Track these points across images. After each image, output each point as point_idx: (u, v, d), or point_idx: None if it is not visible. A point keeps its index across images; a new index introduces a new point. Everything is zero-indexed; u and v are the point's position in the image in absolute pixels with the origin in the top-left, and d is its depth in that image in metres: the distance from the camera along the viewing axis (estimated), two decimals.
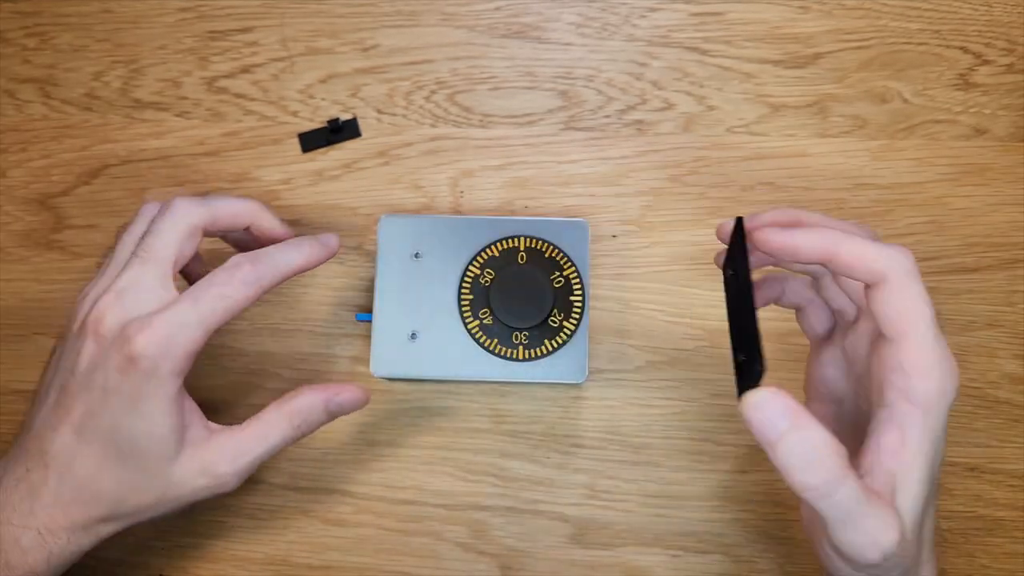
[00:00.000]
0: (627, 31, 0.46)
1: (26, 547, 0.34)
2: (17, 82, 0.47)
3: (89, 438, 0.34)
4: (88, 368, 0.34)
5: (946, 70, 0.46)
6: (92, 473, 0.34)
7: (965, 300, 0.44)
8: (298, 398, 0.37)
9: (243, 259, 0.34)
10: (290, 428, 0.36)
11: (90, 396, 0.34)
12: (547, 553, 0.43)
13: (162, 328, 0.33)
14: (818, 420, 0.26)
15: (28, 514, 0.34)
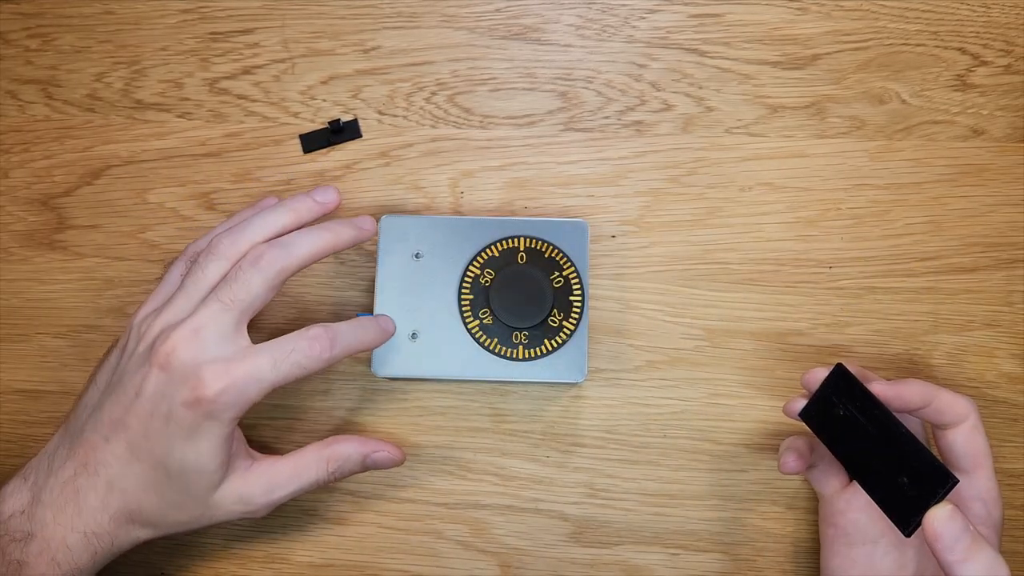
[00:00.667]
0: (626, 33, 0.46)
1: (72, 546, 0.35)
2: (19, 83, 0.48)
3: (142, 457, 0.36)
4: (154, 396, 0.35)
5: (944, 71, 0.46)
6: (139, 488, 0.36)
7: (963, 300, 0.44)
8: (339, 445, 0.40)
9: (323, 334, 0.36)
10: (325, 472, 0.39)
11: (151, 421, 0.35)
12: (547, 552, 0.43)
13: (240, 381, 0.34)
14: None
15: (75, 516, 0.36)
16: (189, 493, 0.36)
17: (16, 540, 0.35)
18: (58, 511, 0.36)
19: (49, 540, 0.35)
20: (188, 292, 0.37)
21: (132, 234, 0.46)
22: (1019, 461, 0.43)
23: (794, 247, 0.45)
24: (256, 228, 0.38)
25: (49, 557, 0.35)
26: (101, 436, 0.36)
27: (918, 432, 0.39)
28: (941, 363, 0.44)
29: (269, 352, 0.35)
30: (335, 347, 0.36)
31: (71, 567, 0.35)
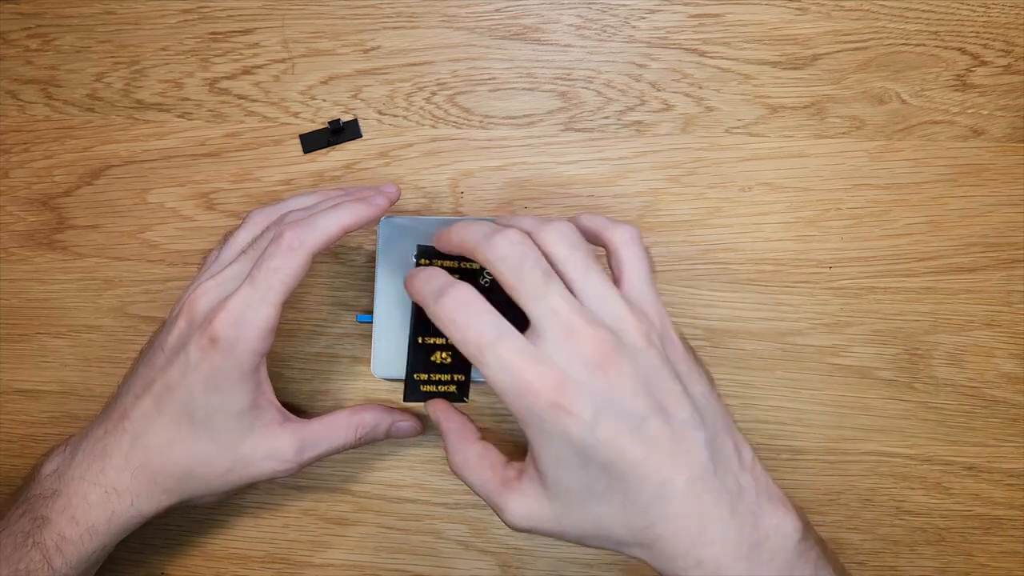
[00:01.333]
0: (626, 33, 0.46)
1: (92, 503, 0.36)
2: (19, 83, 0.48)
3: (166, 409, 0.36)
4: (175, 346, 0.37)
5: (943, 71, 0.46)
6: (164, 442, 0.37)
7: (962, 300, 0.44)
8: (367, 413, 0.41)
9: (287, 228, 0.36)
10: (353, 436, 0.40)
11: (172, 371, 0.36)
12: (547, 551, 0.44)
13: (233, 309, 0.35)
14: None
15: (99, 472, 0.37)
16: (216, 442, 0.37)
17: (46, 497, 0.37)
18: (85, 468, 0.37)
19: (72, 496, 0.36)
20: (221, 257, 0.39)
21: (132, 234, 0.46)
22: (1019, 461, 0.43)
23: (794, 247, 0.45)
24: (288, 203, 0.40)
25: (70, 514, 0.36)
26: (132, 395, 0.37)
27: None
28: (940, 363, 0.44)
29: (249, 275, 0.36)
30: (302, 237, 0.36)
31: (87, 525, 0.36)
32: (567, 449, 0.32)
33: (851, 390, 0.44)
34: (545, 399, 0.31)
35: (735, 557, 0.32)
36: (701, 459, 0.33)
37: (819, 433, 0.44)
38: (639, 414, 0.32)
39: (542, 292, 0.32)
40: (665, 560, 0.33)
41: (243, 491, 0.39)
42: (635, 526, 0.33)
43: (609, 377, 0.32)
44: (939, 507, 0.43)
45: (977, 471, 0.44)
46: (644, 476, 0.32)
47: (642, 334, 0.33)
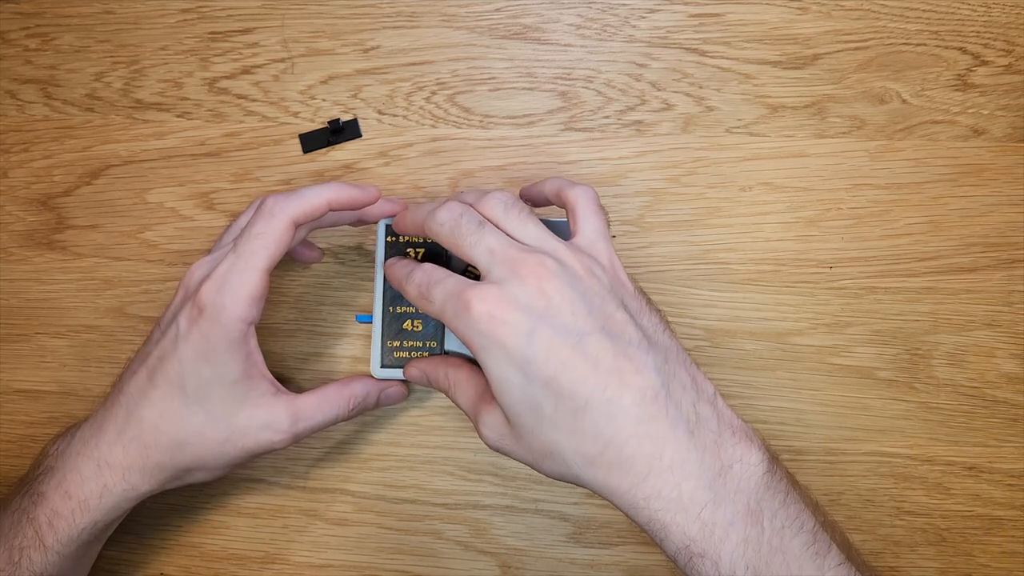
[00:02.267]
0: (626, 32, 0.46)
1: (85, 477, 0.36)
2: (19, 83, 0.47)
3: (158, 381, 0.36)
4: (168, 319, 0.37)
5: (944, 71, 0.46)
6: (157, 414, 0.36)
7: (963, 300, 0.44)
8: (358, 383, 0.41)
9: (269, 197, 0.37)
10: (345, 408, 0.40)
11: (164, 342, 0.37)
12: (547, 552, 0.43)
13: (217, 276, 0.35)
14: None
15: (93, 447, 0.37)
16: (210, 413, 0.36)
17: (43, 474, 0.37)
18: (82, 444, 0.37)
19: (67, 472, 0.36)
20: (222, 240, 0.41)
21: (131, 234, 0.46)
22: (1020, 461, 0.43)
23: (794, 247, 0.45)
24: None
25: (64, 489, 0.36)
26: (130, 371, 0.38)
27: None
28: (941, 363, 0.44)
29: (235, 244, 0.36)
30: (283, 203, 0.36)
31: (79, 499, 0.36)
32: (508, 366, 0.32)
33: (851, 390, 0.44)
34: (481, 310, 0.32)
35: (697, 485, 0.31)
36: (651, 381, 0.32)
37: (819, 433, 0.44)
38: (579, 330, 0.32)
39: (477, 237, 0.34)
40: (624, 493, 0.32)
41: (238, 468, 0.39)
42: (587, 452, 0.32)
43: (546, 292, 0.32)
44: (940, 507, 0.43)
45: (978, 471, 0.43)
46: (589, 395, 0.31)
47: (583, 266, 0.34)
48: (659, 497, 0.31)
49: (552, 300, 0.32)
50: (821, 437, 0.44)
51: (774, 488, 0.32)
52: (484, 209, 0.35)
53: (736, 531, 0.31)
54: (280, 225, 0.36)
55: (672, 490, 0.31)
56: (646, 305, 0.35)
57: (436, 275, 0.35)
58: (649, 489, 0.31)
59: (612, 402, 0.32)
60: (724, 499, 0.31)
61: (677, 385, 0.33)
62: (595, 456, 0.32)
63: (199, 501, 0.44)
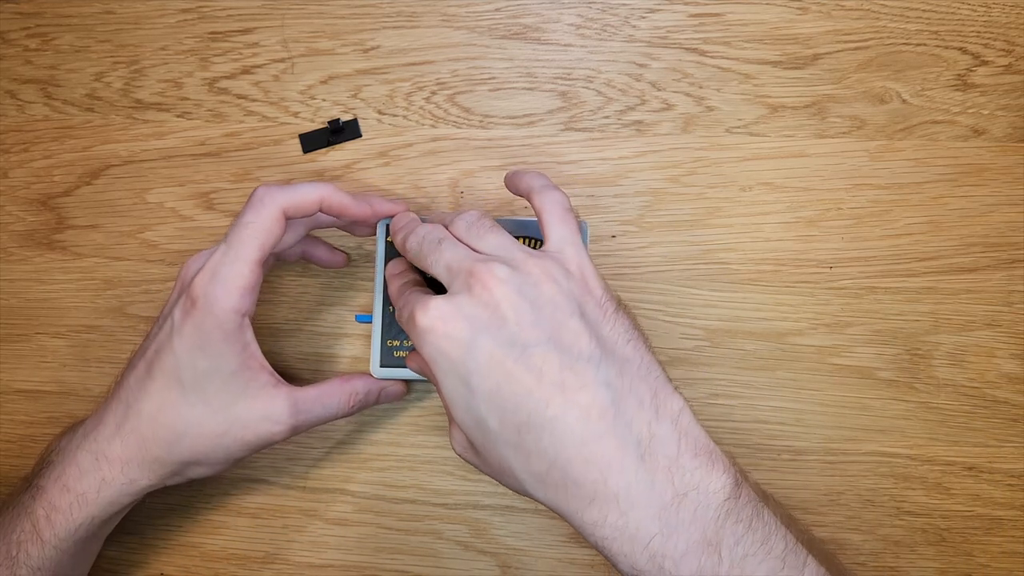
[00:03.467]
0: (626, 32, 0.46)
1: (83, 470, 0.36)
2: (19, 83, 0.47)
3: (156, 374, 0.36)
4: (164, 313, 0.38)
5: (944, 71, 0.46)
6: (155, 407, 0.36)
7: (963, 300, 0.44)
8: (359, 379, 0.40)
9: (262, 187, 0.37)
10: (347, 404, 0.39)
11: (161, 335, 0.37)
12: (547, 552, 0.43)
13: (208, 267, 0.36)
14: None
15: (93, 441, 0.37)
16: (208, 404, 0.36)
17: (44, 468, 0.37)
18: (82, 438, 0.37)
19: (66, 466, 0.37)
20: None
21: (131, 234, 0.46)
22: (1020, 461, 0.43)
23: (794, 247, 0.45)
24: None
25: (62, 483, 0.36)
26: (130, 365, 0.38)
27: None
28: (941, 363, 0.44)
29: (226, 236, 0.36)
30: (274, 194, 0.36)
31: (78, 493, 0.36)
32: (453, 378, 0.31)
33: (851, 390, 0.44)
34: (424, 324, 0.31)
35: (645, 514, 0.29)
36: (598, 397, 0.30)
37: (819, 433, 0.44)
38: (524, 340, 0.30)
39: (437, 255, 0.34)
40: (571, 515, 0.30)
41: (238, 464, 0.39)
42: (535, 471, 0.30)
43: (492, 301, 0.31)
44: (940, 507, 0.43)
45: (978, 471, 0.43)
46: (531, 411, 0.30)
47: (541, 270, 0.32)
48: (605, 524, 0.29)
49: (498, 309, 0.31)
50: (821, 437, 0.44)
51: (737, 513, 0.30)
52: (452, 228, 0.36)
53: (689, 563, 0.29)
54: (270, 215, 0.36)
55: (618, 518, 0.29)
56: (612, 312, 0.33)
57: (407, 292, 0.36)
58: (595, 515, 0.30)
59: (556, 419, 0.30)
60: (676, 529, 0.29)
61: (632, 401, 0.31)
62: (542, 474, 0.30)
63: (199, 501, 0.44)
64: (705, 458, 0.30)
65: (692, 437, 0.31)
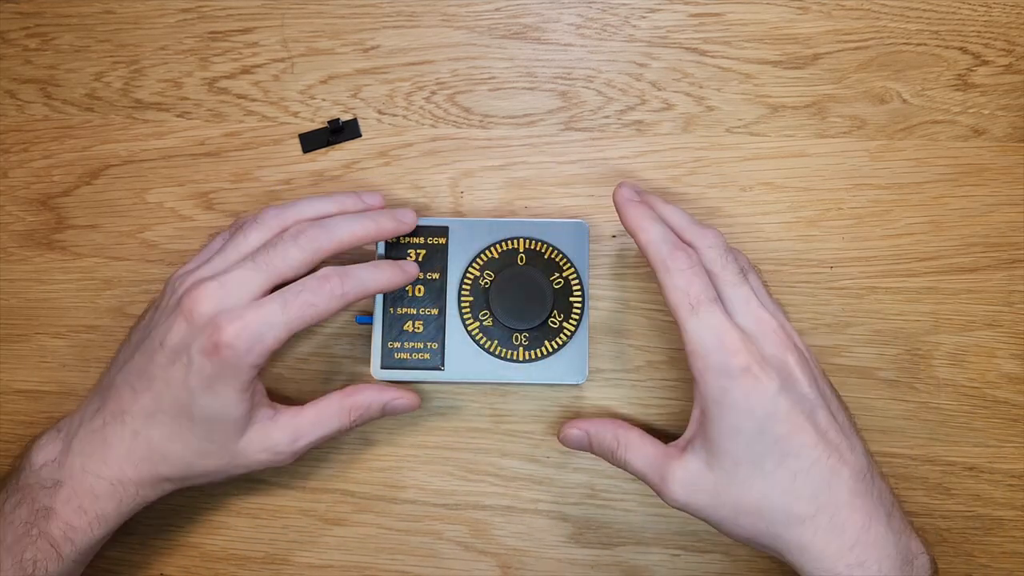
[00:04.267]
0: (627, 32, 0.46)
1: (99, 494, 0.37)
2: (18, 82, 0.47)
3: (165, 406, 0.36)
4: (176, 346, 0.36)
5: (945, 71, 0.46)
6: (165, 437, 0.37)
7: (963, 300, 0.44)
8: (359, 395, 0.40)
9: (333, 273, 0.37)
10: (347, 420, 0.40)
11: (172, 370, 0.36)
12: (547, 552, 0.43)
13: (252, 324, 0.35)
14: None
15: (102, 463, 0.37)
16: (213, 441, 0.37)
17: (46, 487, 0.37)
18: (87, 459, 0.37)
19: (77, 488, 0.37)
20: (226, 254, 0.38)
21: (131, 234, 0.46)
22: (1020, 461, 0.43)
23: (794, 247, 0.45)
24: (303, 207, 0.40)
25: (76, 504, 0.36)
26: (129, 387, 0.37)
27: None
28: (941, 363, 0.44)
29: (280, 295, 0.36)
30: (346, 287, 0.37)
31: (96, 514, 0.37)
32: (746, 417, 0.34)
33: (852, 390, 0.44)
34: (740, 361, 0.34)
35: (893, 565, 0.33)
36: (861, 463, 0.35)
37: None
38: (812, 400, 0.35)
39: (741, 281, 0.36)
40: (829, 556, 0.33)
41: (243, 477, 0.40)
42: (798, 512, 0.34)
43: (788, 364, 0.35)
44: (940, 507, 0.43)
45: (978, 471, 0.43)
46: (814, 460, 0.34)
47: (804, 348, 0.37)
48: (862, 567, 0.33)
49: (793, 371, 0.35)
50: None
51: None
52: (714, 268, 0.37)
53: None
54: (336, 307, 0.37)
55: (874, 564, 0.33)
56: (840, 398, 0.38)
57: (701, 283, 0.36)
58: (854, 558, 0.33)
59: (834, 471, 0.34)
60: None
61: (876, 473, 0.36)
62: (806, 517, 0.34)
63: (199, 501, 0.44)
64: (915, 532, 0.35)
65: (904, 512, 0.36)
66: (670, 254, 0.36)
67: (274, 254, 0.37)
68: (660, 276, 0.36)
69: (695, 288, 0.35)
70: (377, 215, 0.40)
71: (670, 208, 0.39)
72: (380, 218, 0.40)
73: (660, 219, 0.38)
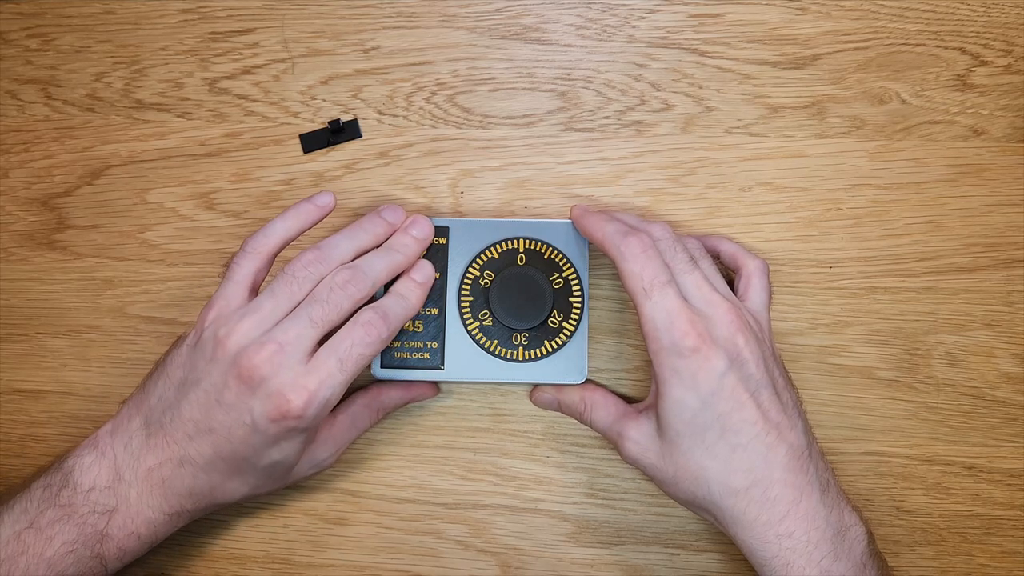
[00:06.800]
0: (626, 33, 0.46)
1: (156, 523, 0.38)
2: (19, 83, 0.48)
3: (226, 456, 0.37)
4: (235, 406, 0.37)
5: (944, 71, 0.46)
6: (224, 478, 0.38)
7: (963, 300, 0.44)
8: (384, 395, 0.43)
9: (375, 316, 0.38)
10: (376, 418, 0.43)
11: (234, 429, 0.37)
12: (547, 552, 0.44)
13: (318, 393, 0.36)
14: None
15: (162, 500, 0.38)
16: (272, 478, 0.39)
17: (98, 513, 0.37)
18: (143, 492, 0.38)
19: (134, 517, 0.38)
20: (277, 301, 0.38)
21: (132, 234, 0.46)
22: (1019, 461, 0.43)
23: (794, 247, 0.45)
24: (342, 249, 0.40)
25: (132, 530, 0.38)
26: (184, 434, 0.38)
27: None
28: (940, 363, 0.44)
29: (334, 355, 0.37)
30: (390, 325, 0.38)
31: (151, 539, 0.38)
32: (691, 393, 0.36)
33: (851, 390, 0.44)
34: (692, 341, 0.36)
35: (823, 537, 0.35)
36: (800, 441, 0.37)
37: (819, 433, 0.44)
38: (757, 380, 0.37)
39: (691, 268, 0.38)
40: (760, 525, 0.36)
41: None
42: (733, 485, 0.36)
43: (738, 344, 0.37)
44: (939, 507, 0.43)
45: (977, 471, 0.44)
46: (752, 437, 0.36)
47: (758, 328, 0.39)
48: (791, 537, 0.35)
49: (742, 351, 0.37)
50: (821, 437, 0.44)
51: (875, 559, 0.37)
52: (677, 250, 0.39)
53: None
54: (381, 349, 0.38)
55: (803, 534, 0.35)
56: (788, 379, 0.39)
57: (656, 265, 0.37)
58: (784, 529, 0.35)
59: (770, 448, 0.36)
60: (841, 555, 0.35)
61: (816, 451, 0.38)
62: (740, 489, 0.36)
63: None
64: (851, 507, 0.37)
65: (841, 489, 0.38)
66: (623, 241, 0.38)
67: (329, 309, 0.37)
68: (617, 264, 0.38)
69: (649, 271, 0.37)
70: (404, 246, 0.41)
71: (619, 213, 0.42)
72: (409, 248, 0.41)
73: (613, 219, 0.40)
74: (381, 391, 0.43)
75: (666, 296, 0.36)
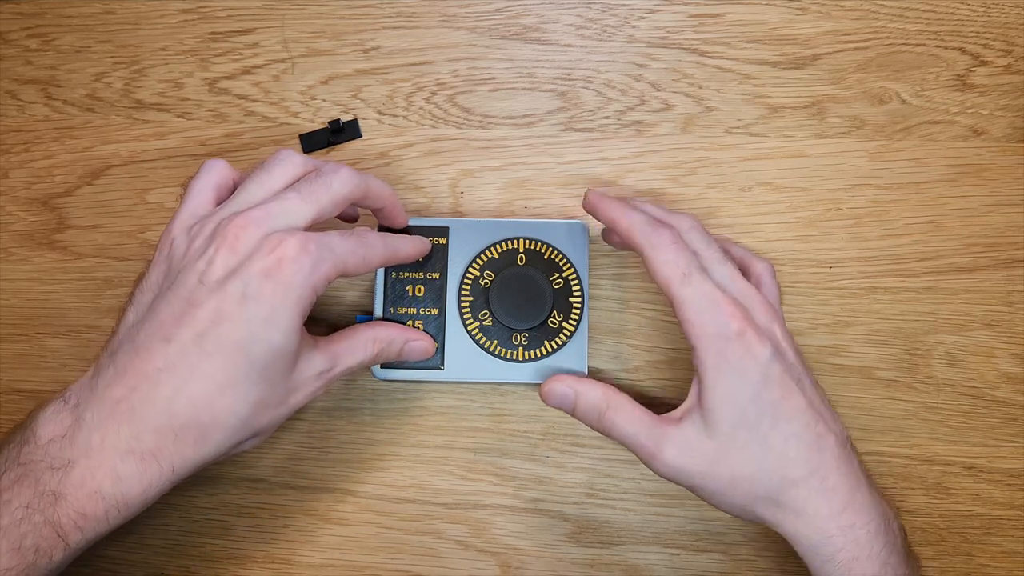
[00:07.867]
0: (626, 33, 0.46)
1: (123, 475, 0.31)
2: (19, 83, 0.48)
3: (213, 349, 0.32)
4: (223, 277, 0.32)
5: (944, 71, 0.46)
6: (212, 391, 0.32)
7: (963, 300, 0.44)
8: (383, 328, 0.39)
9: (379, 234, 0.38)
10: (373, 352, 0.39)
11: (222, 305, 0.32)
12: (547, 552, 0.44)
13: (314, 240, 0.33)
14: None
15: (131, 438, 0.31)
16: (270, 380, 0.33)
17: (54, 468, 0.31)
18: (108, 432, 0.31)
19: (95, 469, 0.31)
20: (249, 193, 0.35)
21: (132, 234, 0.46)
22: (1019, 461, 0.43)
23: (794, 247, 0.45)
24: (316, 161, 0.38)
25: (91, 489, 0.31)
26: (160, 339, 0.32)
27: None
28: (940, 363, 0.44)
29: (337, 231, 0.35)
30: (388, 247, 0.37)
31: (116, 501, 0.31)
32: (742, 381, 0.35)
33: (851, 390, 0.44)
34: (737, 324, 0.35)
35: (879, 528, 0.35)
36: (842, 432, 0.36)
37: None
38: (798, 369, 0.36)
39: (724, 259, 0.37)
40: (823, 518, 0.34)
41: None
42: (792, 476, 0.35)
43: (776, 332, 0.36)
44: (939, 507, 0.43)
45: (977, 471, 0.44)
46: (805, 424, 0.35)
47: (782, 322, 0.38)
48: (852, 528, 0.34)
49: (781, 339, 0.36)
50: None
51: (912, 552, 0.37)
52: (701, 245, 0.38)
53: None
54: (377, 259, 0.37)
55: (863, 526, 0.34)
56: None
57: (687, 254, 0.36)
58: (845, 520, 0.34)
59: (822, 437, 0.35)
60: (892, 547, 0.35)
61: (851, 443, 0.37)
62: (799, 479, 0.35)
63: (199, 501, 0.44)
64: (888, 502, 0.37)
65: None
66: (654, 231, 0.36)
67: (317, 186, 0.35)
68: (647, 254, 0.36)
69: (683, 259, 0.36)
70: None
71: (641, 203, 0.39)
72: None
73: (638, 209, 0.38)
74: (379, 324, 0.40)
75: (705, 281, 0.35)
